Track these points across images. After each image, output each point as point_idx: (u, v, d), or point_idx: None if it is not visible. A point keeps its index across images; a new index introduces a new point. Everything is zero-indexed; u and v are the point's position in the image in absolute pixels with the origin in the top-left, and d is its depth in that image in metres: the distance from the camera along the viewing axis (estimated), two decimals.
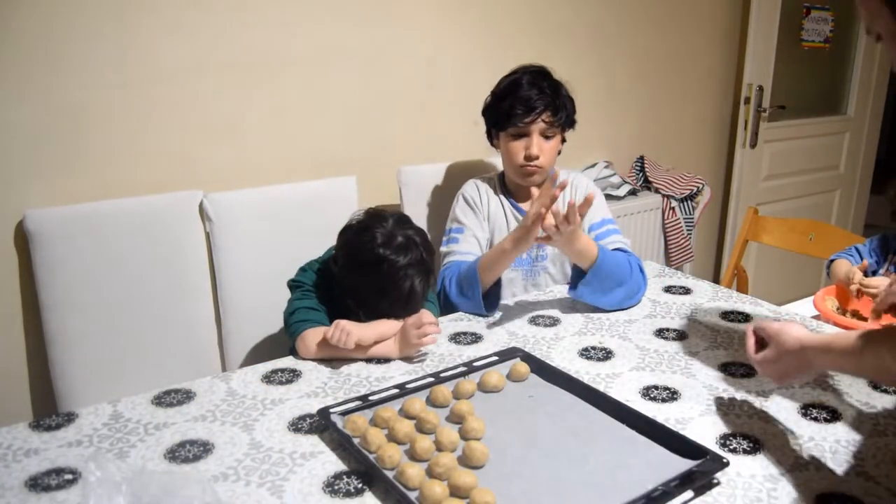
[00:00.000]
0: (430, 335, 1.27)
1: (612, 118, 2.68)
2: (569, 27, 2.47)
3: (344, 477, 0.95)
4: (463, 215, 1.70)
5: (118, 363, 1.66)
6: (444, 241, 1.70)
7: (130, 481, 0.80)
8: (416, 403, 1.09)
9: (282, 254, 1.78)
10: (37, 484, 0.93)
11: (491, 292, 1.49)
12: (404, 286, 1.32)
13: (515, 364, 1.23)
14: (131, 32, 1.67)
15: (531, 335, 1.40)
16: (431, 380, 1.17)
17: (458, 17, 2.20)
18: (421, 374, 1.23)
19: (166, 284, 1.72)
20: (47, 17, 1.57)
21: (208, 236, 1.77)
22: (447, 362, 1.28)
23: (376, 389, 1.16)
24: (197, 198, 1.75)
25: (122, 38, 1.67)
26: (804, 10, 3.16)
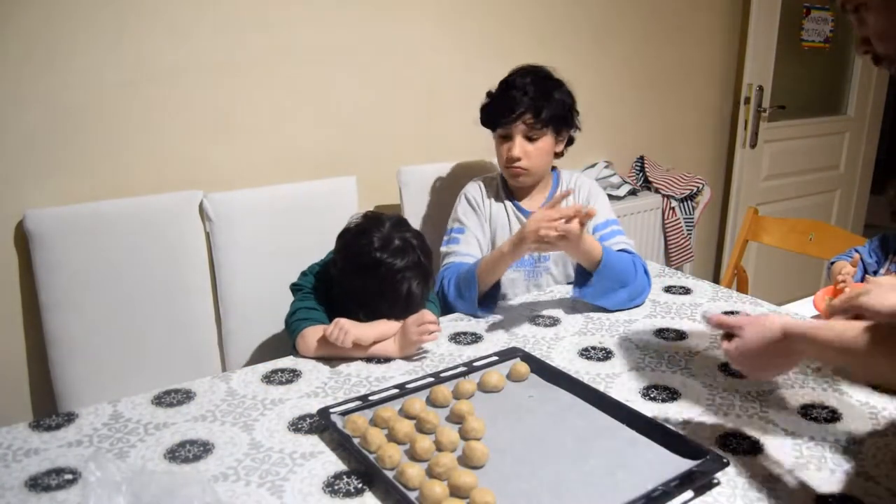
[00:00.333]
0: (432, 332, 1.27)
1: (612, 118, 2.68)
2: (569, 27, 2.47)
3: (344, 477, 0.95)
4: (464, 216, 1.70)
5: (118, 363, 1.66)
6: (444, 241, 1.70)
7: (130, 481, 0.80)
8: (416, 403, 1.09)
9: (282, 254, 1.79)
10: (37, 484, 0.93)
11: (489, 294, 1.49)
12: (402, 289, 1.32)
13: (515, 364, 1.23)
14: (131, 32, 1.67)
15: (531, 335, 1.40)
16: (431, 380, 1.17)
17: (458, 16, 2.20)
18: (421, 374, 1.23)
19: (166, 284, 1.72)
20: (47, 17, 1.57)
21: (208, 236, 1.77)
22: (447, 362, 1.28)
23: (376, 389, 1.16)
24: (197, 198, 1.75)
25: (123, 39, 1.67)
26: (804, 10, 3.15)
